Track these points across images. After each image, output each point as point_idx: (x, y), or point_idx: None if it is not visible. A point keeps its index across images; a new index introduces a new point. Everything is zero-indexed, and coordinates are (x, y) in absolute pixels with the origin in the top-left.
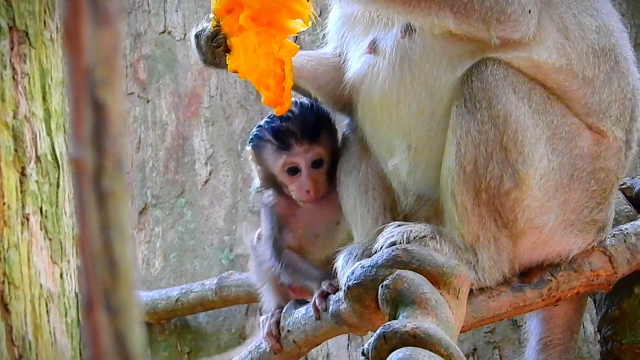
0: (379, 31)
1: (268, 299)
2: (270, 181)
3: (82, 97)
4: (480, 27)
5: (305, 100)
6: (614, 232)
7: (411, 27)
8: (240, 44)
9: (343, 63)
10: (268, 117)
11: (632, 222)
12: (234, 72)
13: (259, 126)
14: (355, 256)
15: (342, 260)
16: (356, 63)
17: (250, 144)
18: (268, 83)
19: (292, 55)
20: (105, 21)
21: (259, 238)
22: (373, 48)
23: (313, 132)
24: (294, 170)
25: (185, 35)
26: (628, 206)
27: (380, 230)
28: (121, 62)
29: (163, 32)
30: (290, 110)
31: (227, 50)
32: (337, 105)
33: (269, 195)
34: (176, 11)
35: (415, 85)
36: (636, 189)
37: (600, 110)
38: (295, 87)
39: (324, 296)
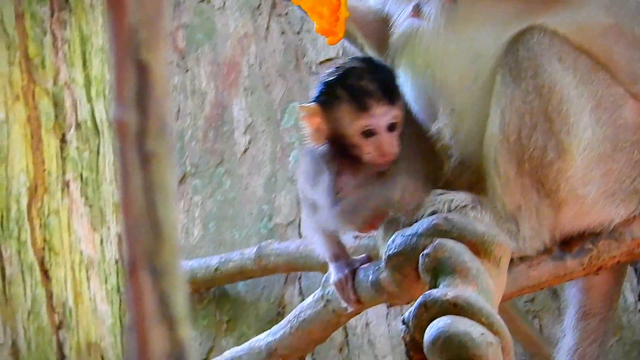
0: None
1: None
2: (332, 139)
3: (125, 58)
4: None
5: (369, 58)
6: None
7: None
8: None
9: (388, 19)
10: (335, 74)
11: None
12: None
13: (328, 83)
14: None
15: (384, 229)
16: (400, 26)
17: (317, 101)
18: (322, 11)
19: None
20: None
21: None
22: (417, 12)
23: (393, 93)
24: (369, 133)
25: (224, 3)
26: None
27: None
28: (166, 23)
29: (202, 0)
30: (363, 68)
31: None
32: (382, 56)
33: (324, 150)
34: None
35: (459, 50)
36: None
37: None
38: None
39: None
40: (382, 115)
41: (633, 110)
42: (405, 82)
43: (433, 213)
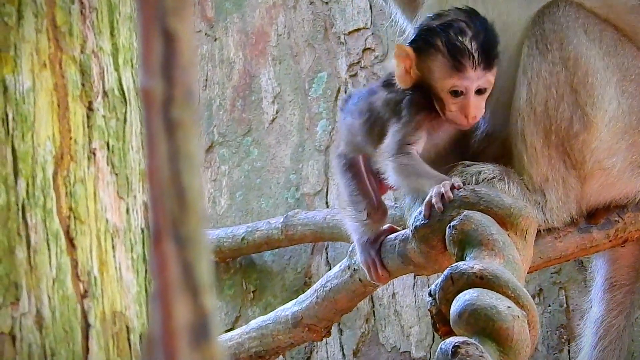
0: None
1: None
2: (419, 86)
3: (151, 27)
4: None
5: (478, 15)
6: None
7: None
8: None
9: None
10: (438, 21)
11: None
12: None
13: (430, 29)
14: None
15: (411, 200)
16: None
17: (413, 44)
18: None
19: None
20: None
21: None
22: None
23: (491, 57)
24: (457, 93)
25: None
26: None
27: (449, 170)
28: None
29: None
30: (467, 24)
31: None
32: (407, 14)
33: (409, 95)
34: None
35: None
36: None
37: None
38: None
39: (441, 196)
40: (475, 79)
41: None
42: None
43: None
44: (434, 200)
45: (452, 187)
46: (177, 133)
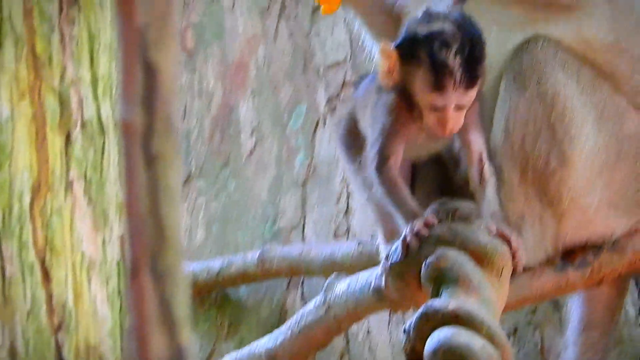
0: None
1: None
2: (399, 90)
3: (133, 58)
4: None
5: (468, 23)
6: None
7: None
8: None
9: (397, 14)
10: (424, 30)
11: None
12: None
13: (416, 37)
14: (405, 231)
15: (384, 236)
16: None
17: (398, 48)
18: None
19: None
20: None
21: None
22: None
23: (473, 77)
24: (435, 108)
25: (234, 4)
26: None
27: (426, 205)
28: (176, 23)
29: (211, 0)
30: (455, 35)
31: None
32: (382, 38)
33: (389, 95)
34: None
35: None
36: None
37: None
38: (344, 8)
39: (416, 234)
40: (454, 98)
41: (636, 121)
42: None
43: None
44: (408, 239)
45: (427, 224)
46: (156, 166)
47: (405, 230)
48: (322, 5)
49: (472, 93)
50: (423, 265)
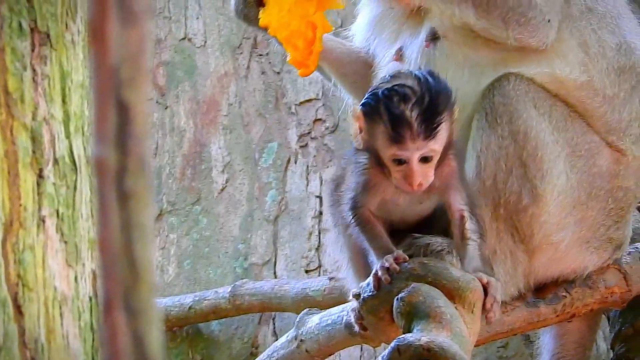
0: (405, 39)
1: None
2: (370, 149)
3: (106, 96)
4: (499, 26)
5: (431, 79)
6: (629, 250)
7: (436, 35)
8: (276, 0)
9: (370, 61)
10: (387, 86)
11: None
12: (265, 27)
13: (375, 95)
14: (376, 268)
15: (355, 271)
16: (383, 70)
17: (362, 107)
18: (297, 44)
19: (325, 31)
20: (132, 20)
21: (336, 185)
22: (400, 56)
23: (432, 128)
24: (399, 161)
25: (205, 42)
26: None
27: (398, 241)
28: (148, 62)
29: (183, 38)
30: (413, 90)
31: (261, 3)
32: (359, 97)
33: (362, 157)
34: (197, 18)
35: None
36: None
37: (620, 129)
38: (319, 68)
39: (387, 269)
40: (415, 150)
41: (608, 159)
42: None
43: (410, 257)
44: (379, 273)
45: (397, 260)
46: (129, 203)
47: (376, 265)
48: (300, 69)
49: (434, 144)
50: (395, 300)
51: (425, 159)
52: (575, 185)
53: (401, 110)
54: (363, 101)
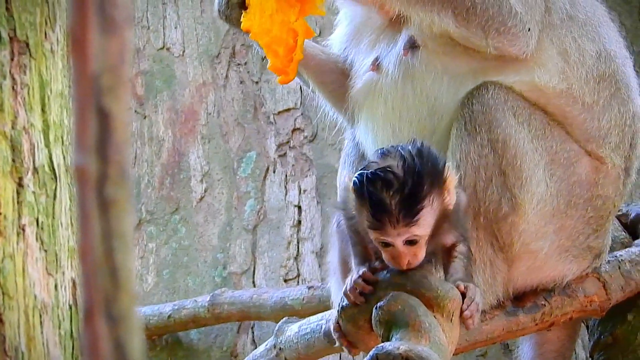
0: (382, 48)
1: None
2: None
3: (87, 105)
4: (479, 34)
5: (418, 159)
6: (609, 259)
7: (414, 44)
8: (258, 5)
9: (349, 71)
10: (374, 168)
11: (626, 249)
12: (246, 31)
13: (362, 176)
14: (351, 277)
15: (336, 280)
16: (360, 80)
17: (353, 185)
18: (277, 50)
19: (307, 37)
20: (113, 29)
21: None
22: (376, 66)
23: (412, 215)
24: (386, 244)
25: (183, 52)
26: (623, 233)
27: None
28: (128, 71)
29: (162, 48)
30: (394, 173)
31: (244, 6)
32: (337, 106)
33: (357, 222)
34: (175, 28)
35: (417, 103)
36: (631, 216)
37: (600, 137)
38: (298, 75)
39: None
40: (396, 235)
41: (587, 167)
42: (366, 135)
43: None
44: (354, 277)
45: (374, 269)
46: (110, 211)
47: (354, 270)
48: (279, 77)
49: (416, 229)
50: (374, 308)
51: (411, 242)
52: (555, 194)
53: (382, 197)
54: (353, 178)
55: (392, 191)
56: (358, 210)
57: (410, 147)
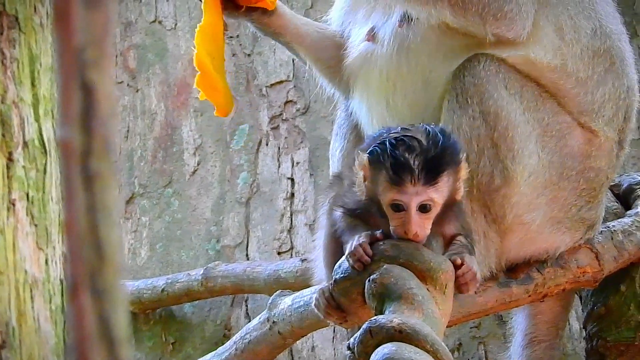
0: (378, 19)
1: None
2: (372, 198)
3: (71, 78)
4: (477, 22)
5: (441, 136)
6: (601, 229)
7: (409, 16)
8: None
9: (345, 45)
10: (394, 135)
11: (619, 220)
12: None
13: (382, 143)
14: (352, 242)
15: (328, 254)
16: (355, 49)
17: (369, 155)
18: (212, 84)
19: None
20: (96, 2)
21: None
22: (372, 35)
23: (432, 175)
24: (398, 207)
25: (175, 25)
26: (615, 203)
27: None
28: (112, 44)
29: (154, 21)
30: (418, 140)
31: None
32: (333, 82)
33: (365, 203)
34: (167, 1)
35: (411, 75)
36: (624, 187)
37: (593, 110)
38: (295, 54)
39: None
40: (414, 195)
41: (580, 139)
42: (360, 105)
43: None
44: (354, 245)
45: (375, 238)
46: (95, 185)
47: (351, 241)
48: (216, 108)
49: (433, 192)
50: (367, 281)
51: (423, 208)
52: (547, 166)
53: (405, 156)
54: (370, 149)
55: (415, 153)
56: (372, 179)
57: (433, 125)
